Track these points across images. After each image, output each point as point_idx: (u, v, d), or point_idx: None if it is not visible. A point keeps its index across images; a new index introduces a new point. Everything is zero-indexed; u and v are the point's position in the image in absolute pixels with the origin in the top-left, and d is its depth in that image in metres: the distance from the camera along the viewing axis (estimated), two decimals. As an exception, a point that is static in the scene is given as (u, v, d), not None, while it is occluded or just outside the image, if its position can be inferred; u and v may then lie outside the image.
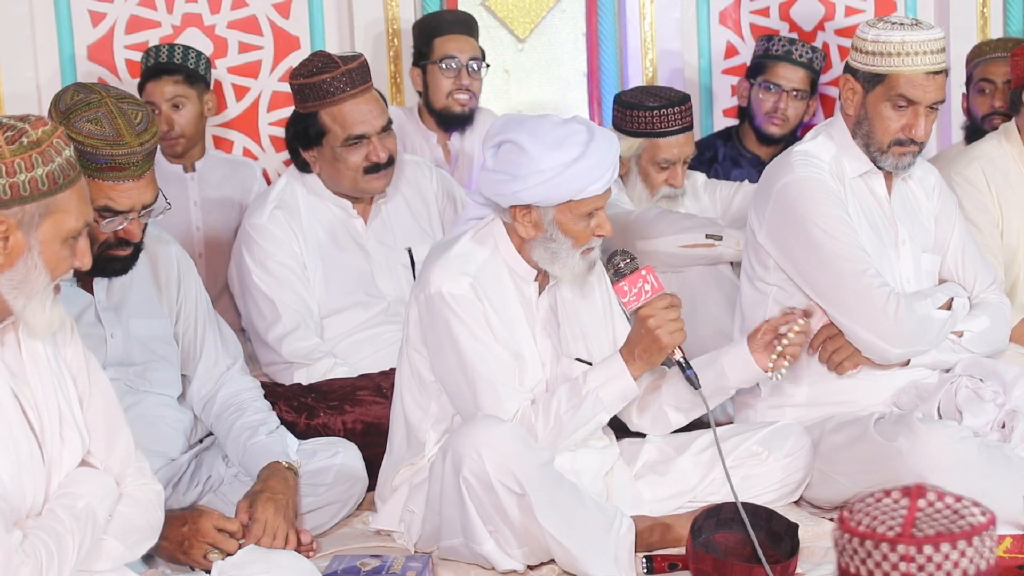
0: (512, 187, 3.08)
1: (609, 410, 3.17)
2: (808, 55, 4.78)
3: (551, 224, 3.11)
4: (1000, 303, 3.64)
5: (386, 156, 3.94)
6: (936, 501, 1.64)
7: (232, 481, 3.39)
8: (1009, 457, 3.26)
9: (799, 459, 3.40)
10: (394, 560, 3.10)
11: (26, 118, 2.42)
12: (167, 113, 4.45)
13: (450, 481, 3.04)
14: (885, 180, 3.58)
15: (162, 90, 4.44)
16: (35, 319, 2.44)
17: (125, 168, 3.03)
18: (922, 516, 1.62)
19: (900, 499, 1.65)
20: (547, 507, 2.98)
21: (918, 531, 1.60)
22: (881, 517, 1.63)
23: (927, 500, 1.64)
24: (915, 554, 1.59)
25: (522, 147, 3.07)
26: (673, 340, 3.08)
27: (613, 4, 5.20)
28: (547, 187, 3.06)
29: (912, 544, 1.59)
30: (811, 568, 3.11)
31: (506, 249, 3.20)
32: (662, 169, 4.27)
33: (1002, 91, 4.61)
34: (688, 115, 4.31)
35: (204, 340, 3.50)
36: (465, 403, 3.17)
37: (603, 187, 3.10)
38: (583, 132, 3.10)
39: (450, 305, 3.12)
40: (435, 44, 4.71)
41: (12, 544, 2.34)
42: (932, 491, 1.65)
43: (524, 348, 3.20)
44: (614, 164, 3.12)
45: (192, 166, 4.56)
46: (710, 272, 4.14)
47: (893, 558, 1.60)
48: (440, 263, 3.17)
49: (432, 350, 3.21)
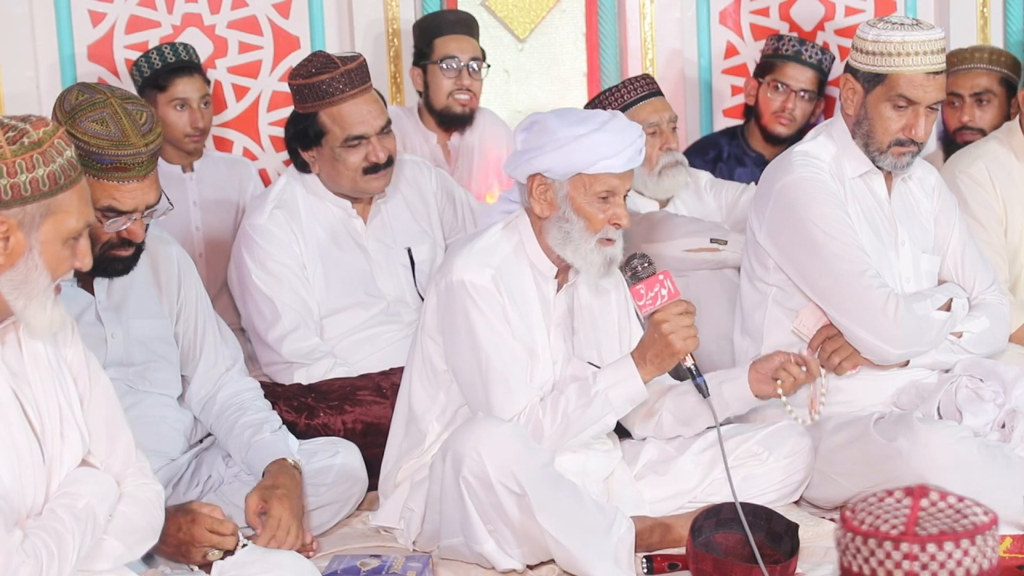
0: (528, 156, 3.14)
1: (617, 412, 3.17)
2: (817, 56, 4.79)
3: (564, 201, 3.13)
4: (999, 304, 3.64)
5: (385, 156, 3.94)
6: (939, 501, 1.65)
7: (232, 481, 3.39)
8: (1009, 457, 3.26)
9: (799, 459, 3.40)
10: (394, 560, 3.10)
11: (27, 118, 2.42)
12: (199, 110, 4.45)
13: (450, 481, 3.04)
14: (885, 180, 3.59)
15: (196, 86, 4.44)
16: (36, 319, 2.44)
17: (130, 168, 3.03)
18: (925, 515, 1.63)
19: (903, 499, 1.65)
20: (547, 507, 2.99)
21: (921, 530, 1.61)
22: (884, 516, 1.64)
23: (930, 500, 1.65)
24: (918, 552, 1.60)
25: (546, 125, 3.15)
26: (686, 346, 3.08)
27: (613, 4, 5.20)
28: (560, 153, 3.10)
29: (916, 543, 1.60)
30: (811, 568, 3.11)
31: (530, 243, 3.22)
32: (651, 136, 4.25)
33: (970, 105, 4.58)
34: (651, 83, 4.36)
35: (204, 341, 3.50)
36: (476, 394, 3.17)
37: (619, 166, 3.11)
38: (606, 115, 3.16)
39: (470, 294, 3.13)
40: (436, 44, 4.71)
41: (12, 544, 2.34)
42: (935, 491, 1.65)
43: (538, 345, 3.21)
44: (632, 146, 3.12)
45: (191, 166, 4.56)
46: (715, 276, 4.14)
47: (896, 556, 1.61)
48: (464, 252, 3.19)
49: (448, 338, 3.22)
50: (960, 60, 4.64)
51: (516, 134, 3.25)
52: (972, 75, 4.60)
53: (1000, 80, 4.60)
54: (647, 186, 4.31)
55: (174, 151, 4.49)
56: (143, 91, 4.43)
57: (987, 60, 4.62)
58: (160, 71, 4.43)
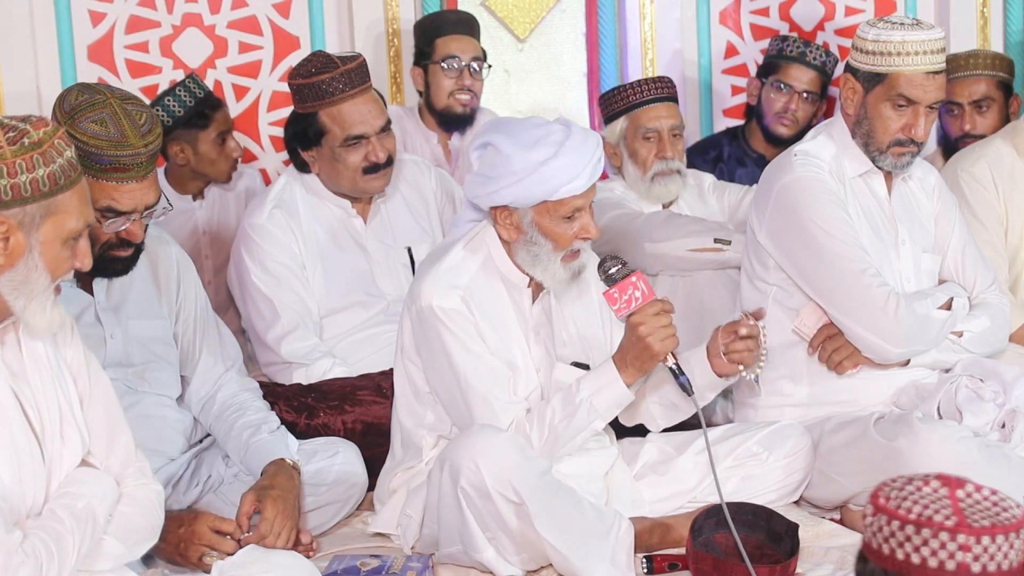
0: (487, 188, 3.09)
1: (604, 417, 3.15)
2: (821, 58, 4.78)
3: (530, 226, 3.09)
4: (1000, 304, 3.64)
5: (385, 156, 3.94)
6: (974, 492, 1.69)
7: (232, 481, 3.39)
8: (1009, 457, 3.27)
9: (799, 459, 3.40)
10: (394, 560, 3.10)
11: (27, 119, 2.42)
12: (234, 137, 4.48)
13: (448, 491, 3.04)
14: (885, 180, 3.59)
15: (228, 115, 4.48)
16: (35, 320, 2.44)
17: (129, 169, 3.03)
18: (968, 507, 1.67)
19: (939, 488, 1.69)
20: (545, 515, 2.98)
21: (973, 522, 1.65)
22: (931, 505, 1.67)
23: (965, 491, 1.69)
24: (973, 544, 1.64)
25: (499, 148, 3.08)
26: (664, 347, 3.04)
27: (613, 4, 5.20)
28: (521, 187, 3.05)
29: (972, 534, 1.64)
30: (811, 568, 3.11)
31: (499, 256, 3.19)
32: (647, 140, 4.26)
33: (970, 113, 4.55)
34: (665, 87, 4.32)
35: (203, 341, 3.50)
36: (460, 415, 3.17)
37: (580, 187, 3.06)
38: (560, 132, 3.08)
39: (440, 318, 3.12)
40: (437, 44, 4.71)
41: (12, 544, 2.34)
42: (969, 482, 1.70)
43: (517, 357, 3.19)
44: (591, 164, 3.07)
45: (201, 193, 4.55)
46: (718, 276, 4.13)
47: (951, 547, 1.64)
48: (431, 276, 3.16)
49: (426, 362, 3.21)
50: (956, 68, 4.58)
51: (471, 151, 3.19)
52: (970, 82, 4.57)
53: (997, 84, 4.59)
54: (639, 190, 4.30)
55: (192, 185, 4.48)
56: (180, 130, 4.37)
57: (983, 66, 4.59)
58: (200, 105, 4.39)
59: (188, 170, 4.43)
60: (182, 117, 4.37)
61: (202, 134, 4.39)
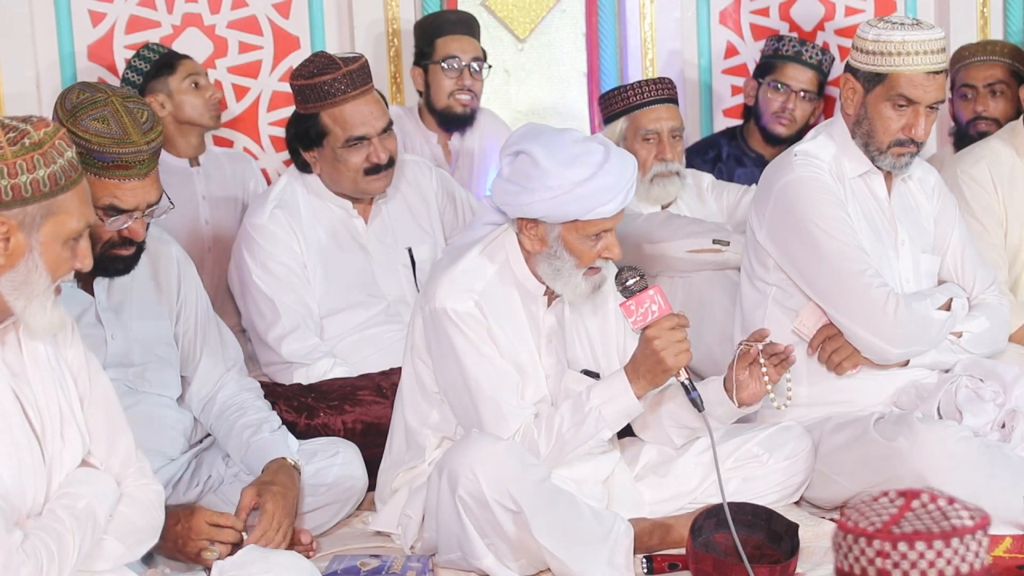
0: (521, 199, 3.07)
1: (612, 427, 3.15)
2: (818, 57, 4.79)
3: (556, 240, 3.09)
4: (999, 304, 3.64)
5: (387, 157, 3.94)
6: (929, 503, 1.66)
7: (232, 481, 3.39)
8: (1009, 457, 3.27)
9: (800, 461, 3.40)
10: (394, 560, 3.10)
11: (28, 119, 2.42)
12: (210, 86, 4.49)
13: (446, 499, 3.04)
14: (885, 180, 3.59)
15: (197, 65, 4.50)
16: (36, 320, 2.44)
17: (131, 167, 3.03)
18: (911, 515, 1.63)
19: (896, 499, 1.66)
20: (543, 523, 2.98)
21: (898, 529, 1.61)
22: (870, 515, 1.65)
23: (920, 501, 1.65)
24: (890, 550, 1.60)
25: (536, 160, 3.05)
26: (678, 362, 3.04)
27: (613, 4, 5.20)
28: (555, 203, 3.03)
29: (888, 540, 1.60)
30: (811, 568, 3.11)
31: (517, 263, 3.19)
32: (646, 142, 4.26)
33: (984, 96, 4.61)
34: (666, 88, 4.32)
35: (204, 341, 3.50)
36: (468, 417, 3.17)
37: (613, 210, 3.06)
38: (599, 152, 3.06)
39: (454, 321, 3.11)
40: (437, 44, 4.71)
41: (13, 544, 2.34)
42: (928, 493, 1.66)
43: (528, 363, 3.19)
44: (627, 188, 3.06)
45: (196, 160, 4.55)
46: (717, 277, 4.13)
47: (870, 553, 1.62)
48: (447, 277, 3.16)
49: (436, 363, 3.21)
50: (972, 53, 4.69)
51: (501, 156, 3.17)
52: (986, 67, 4.63)
53: (1011, 72, 4.63)
54: (638, 191, 4.29)
55: (183, 142, 4.47)
56: (150, 84, 4.41)
57: (1000, 52, 4.67)
58: (163, 59, 4.43)
59: (173, 122, 4.42)
60: (149, 71, 4.42)
61: (171, 79, 4.41)
